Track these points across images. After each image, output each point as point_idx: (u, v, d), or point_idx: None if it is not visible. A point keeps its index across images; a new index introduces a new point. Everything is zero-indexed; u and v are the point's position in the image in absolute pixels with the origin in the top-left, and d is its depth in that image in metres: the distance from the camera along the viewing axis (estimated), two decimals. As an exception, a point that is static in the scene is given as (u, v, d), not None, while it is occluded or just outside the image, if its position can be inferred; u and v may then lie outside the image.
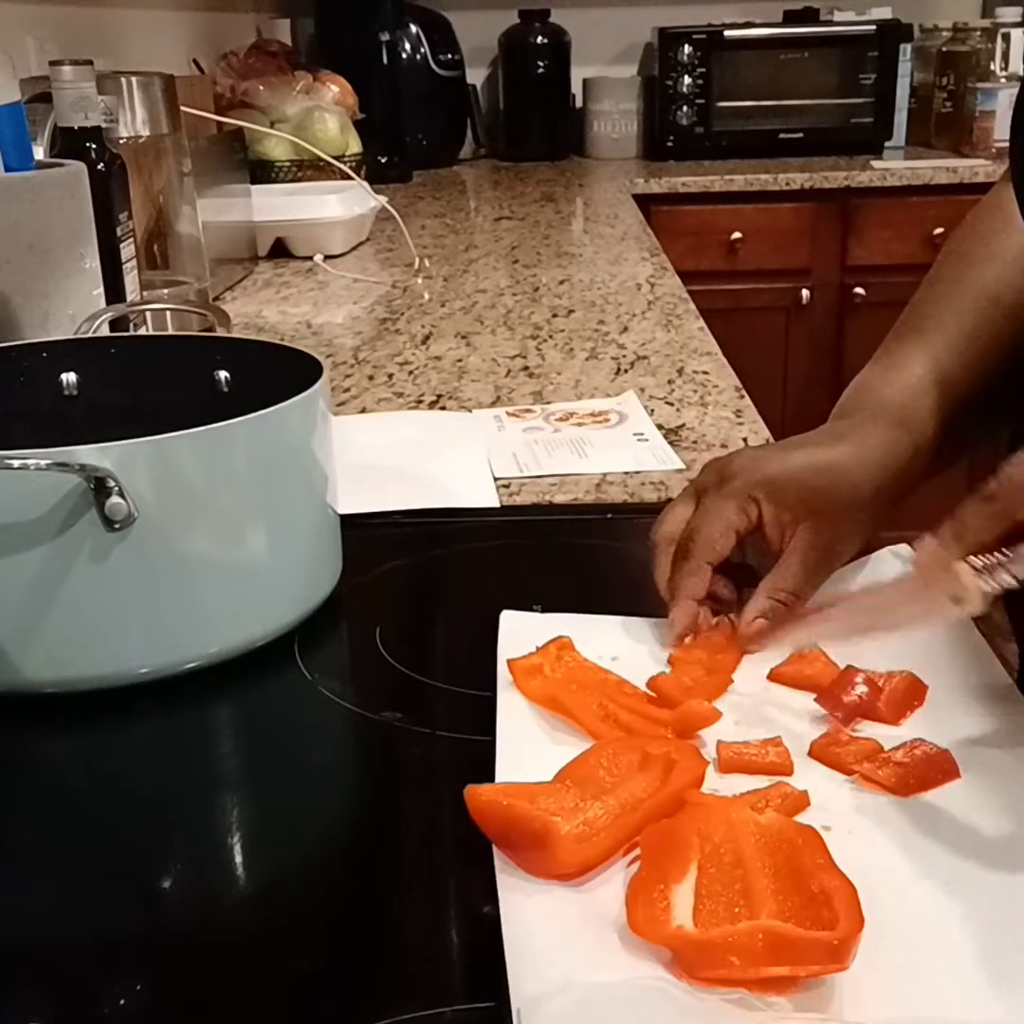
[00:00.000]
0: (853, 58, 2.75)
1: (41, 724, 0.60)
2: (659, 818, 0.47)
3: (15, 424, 0.73)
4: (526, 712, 0.57)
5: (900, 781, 0.51)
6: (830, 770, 0.53)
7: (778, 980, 0.40)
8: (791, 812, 0.49)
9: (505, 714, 0.57)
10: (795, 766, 0.53)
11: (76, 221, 0.96)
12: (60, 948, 0.46)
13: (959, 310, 0.72)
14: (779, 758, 0.53)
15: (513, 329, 1.36)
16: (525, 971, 0.40)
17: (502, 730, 0.55)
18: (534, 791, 0.48)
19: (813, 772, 0.52)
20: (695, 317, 1.39)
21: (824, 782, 0.52)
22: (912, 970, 0.41)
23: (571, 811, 0.47)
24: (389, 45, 2.60)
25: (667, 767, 0.50)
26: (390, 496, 0.85)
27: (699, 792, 0.49)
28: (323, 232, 1.82)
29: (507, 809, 0.47)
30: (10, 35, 1.53)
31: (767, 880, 0.43)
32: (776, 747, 0.53)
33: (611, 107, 3.00)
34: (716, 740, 0.54)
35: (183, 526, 0.60)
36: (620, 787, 0.49)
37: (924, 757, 0.52)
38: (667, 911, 0.42)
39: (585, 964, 0.41)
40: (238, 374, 0.75)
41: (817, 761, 0.53)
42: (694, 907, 0.42)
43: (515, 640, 0.62)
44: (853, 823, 0.49)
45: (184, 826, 0.53)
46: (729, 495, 0.63)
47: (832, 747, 0.53)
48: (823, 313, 2.58)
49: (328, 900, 0.48)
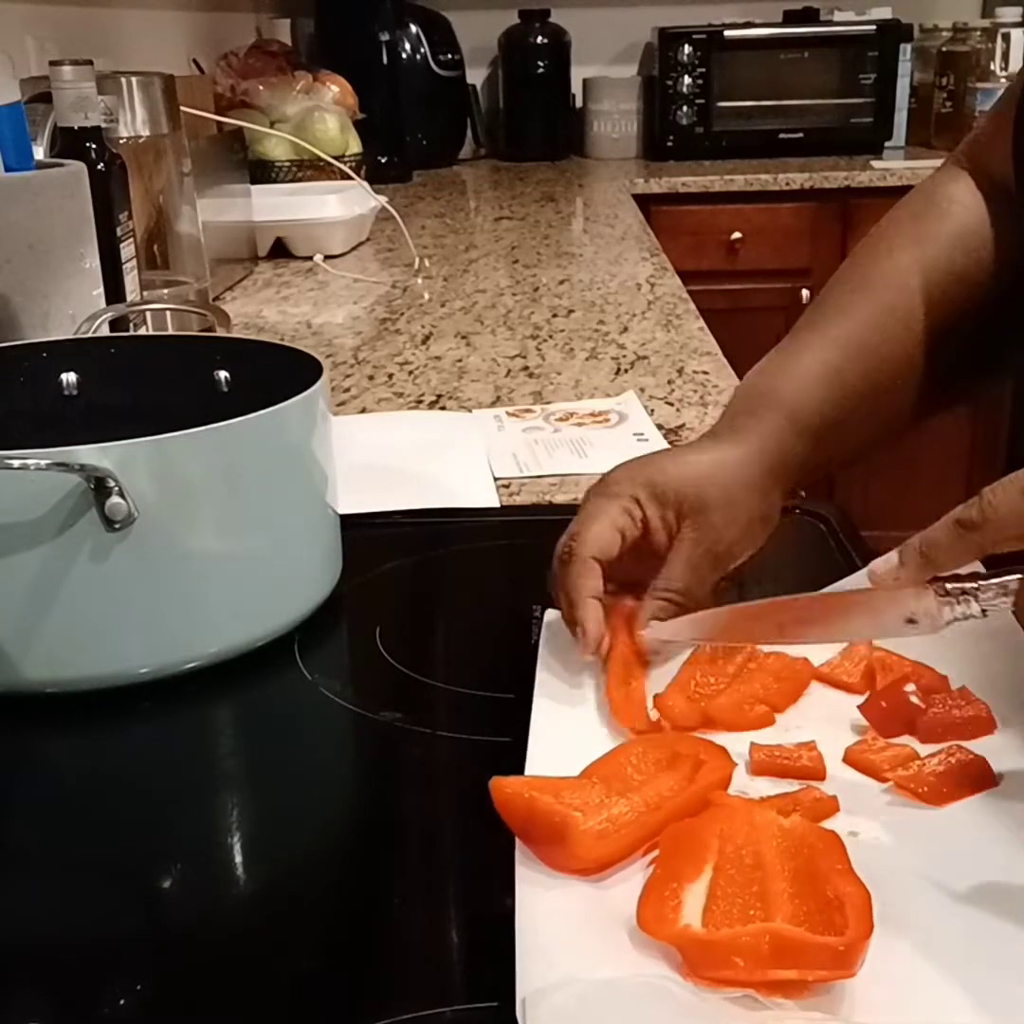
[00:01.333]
0: (853, 58, 2.75)
1: (41, 724, 0.60)
2: (682, 817, 0.47)
3: (15, 424, 0.73)
4: (560, 709, 0.57)
5: (933, 791, 0.50)
6: (864, 776, 0.52)
7: (785, 984, 0.40)
8: (819, 817, 0.48)
9: (541, 706, 0.57)
10: (828, 771, 0.52)
11: (76, 221, 0.96)
12: (60, 948, 0.46)
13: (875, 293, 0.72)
14: (812, 762, 0.52)
15: (513, 329, 1.36)
16: (533, 964, 0.41)
17: (536, 724, 0.55)
18: (559, 785, 0.48)
19: (846, 778, 0.52)
20: (695, 317, 1.39)
21: (857, 788, 0.51)
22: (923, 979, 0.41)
23: (595, 807, 0.47)
24: (389, 45, 2.60)
25: (695, 767, 0.50)
26: (390, 496, 0.85)
27: (724, 793, 0.49)
28: (323, 232, 1.82)
29: (529, 802, 0.47)
30: (10, 35, 1.53)
31: (785, 884, 0.43)
32: (810, 751, 0.53)
33: (611, 107, 3.00)
34: (750, 741, 0.54)
35: (183, 526, 0.60)
36: (646, 785, 0.49)
37: (959, 765, 0.51)
38: (677, 910, 0.42)
39: (592, 960, 0.41)
40: (238, 374, 0.75)
41: (851, 767, 0.53)
42: (706, 907, 0.42)
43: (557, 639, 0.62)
44: (881, 830, 0.48)
45: (184, 826, 0.53)
46: (610, 496, 0.63)
47: (867, 753, 0.53)
48: (823, 313, 2.58)
49: (328, 900, 0.48)
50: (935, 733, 0.54)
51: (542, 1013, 0.38)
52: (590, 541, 0.61)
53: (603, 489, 0.63)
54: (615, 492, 0.63)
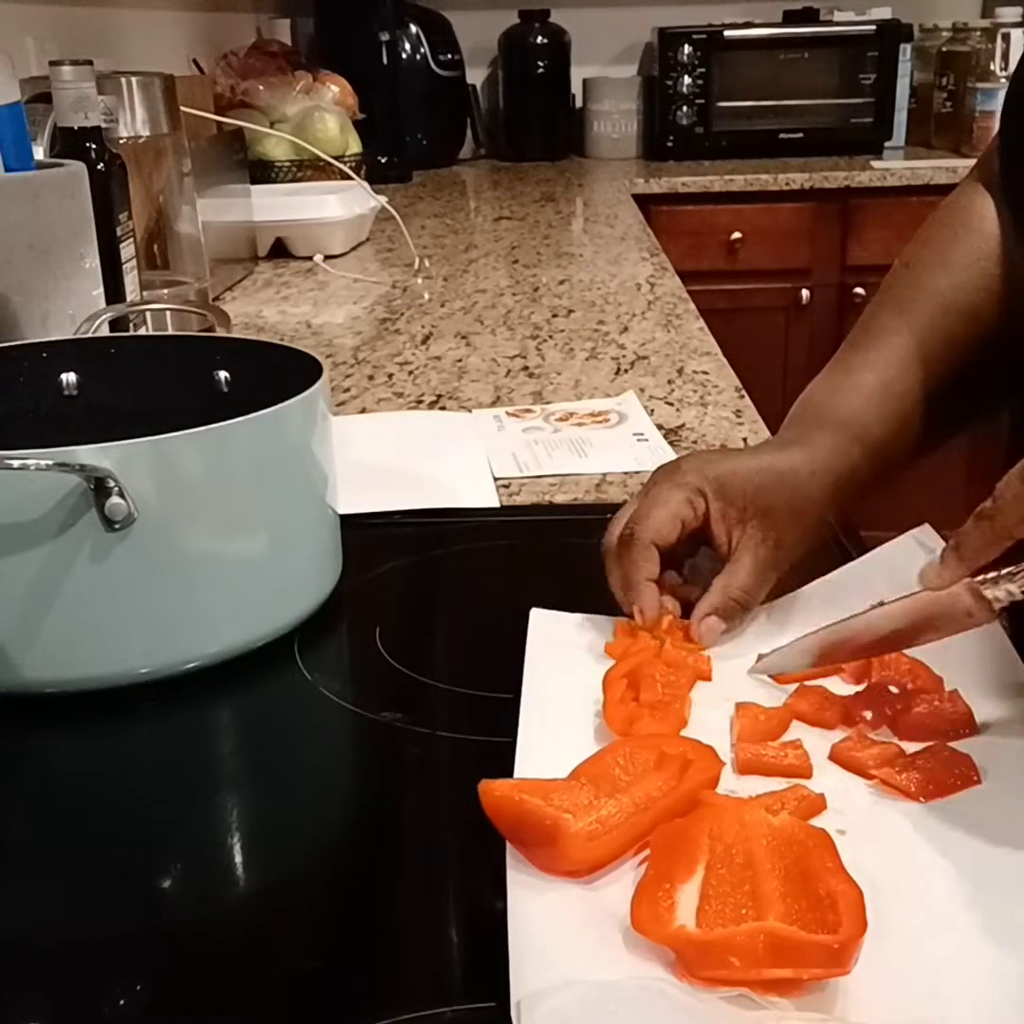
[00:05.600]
0: (853, 58, 2.75)
1: (41, 724, 0.60)
2: (672, 817, 0.47)
3: (15, 424, 0.73)
4: (549, 709, 0.57)
5: (919, 787, 0.50)
6: (850, 774, 0.52)
7: (780, 982, 0.40)
8: (807, 815, 0.48)
9: (529, 708, 0.57)
10: (815, 769, 0.52)
11: (76, 221, 0.96)
12: (60, 948, 0.46)
13: (911, 319, 0.73)
14: (798, 760, 0.52)
15: (513, 329, 1.36)
16: (527, 967, 0.41)
17: (524, 726, 0.55)
18: (548, 788, 0.48)
19: (832, 775, 0.52)
20: (695, 317, 1.39)
21: (843, 786, 0.51)
22: (917, 976, 0.41)
23: (584, 808, 0.47)
24: (389, 45, 2.60)
25: (683, 767, 0.50)
26: (390, 496, 0.85)
27: (713, 793, 0.49)
28: (323, 232, 1.82)
29: (519, 805, 0.47)
30: (10, 35, 1.53)
31: (776, 882, 0.43)
32: (796, 749, 0.53)
33: (611, 107, 3.00)
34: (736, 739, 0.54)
35: (183, 526, 0.60)
36: (635, 786, 0.49)
37: (945, 762, 0.51)
38: (671, 910, 0.42)
39: (587, 962, 0.41)
40: (238, 374, 0.75)
41: (837, 764, 0.53)
42: (699, 907, 0.42)
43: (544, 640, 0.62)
44: (869, 827, 0.48)
45: (184, 826, 0.53)
46: (676, 487, 0.64)
47: (852, 751, 0.53)
48: (823, 313, 2.58)
49: (328, 900, 0.48)
50: (917, 732, 0.54)
51: (539, 1016, 0.38)
52: (652, 527, 0.62)
53: (672, 477, 0.65)
54: (684, 482, 0.64)
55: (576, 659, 0.61)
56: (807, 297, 2.57)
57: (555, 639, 0.63)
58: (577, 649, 0.63)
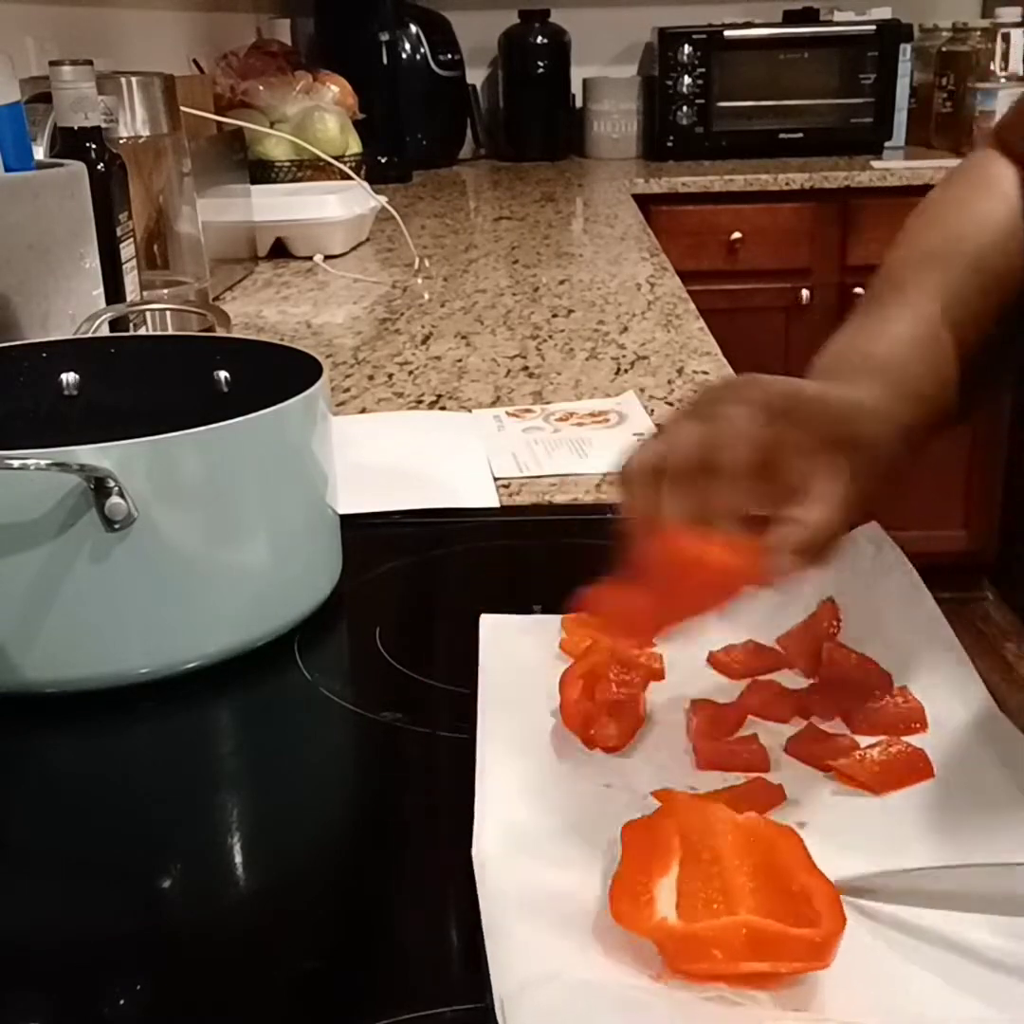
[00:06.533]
0: (853, 58, 2.75)
1: (41, 724, 0.60)
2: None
3: (15, 424, 0.73)
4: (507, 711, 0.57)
5: (875, 779, 0.51)
6: (806, 766, 0.53)
7: (759, 976, 0.40)
8: (766, 807, 0.49)
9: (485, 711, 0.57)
10: (772, 762, 0.53)
11: (76, 221, 0.96)
12: (60, 948, 0.46)
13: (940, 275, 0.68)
14: (755, 755, 0.53)
15: (513, 329, 1.36)
16: (507, 963, 0.41)
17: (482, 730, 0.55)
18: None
19: (790, 768, 0.53)
20: (695, 317, 1.39)
21: (800, 778, 0.52)
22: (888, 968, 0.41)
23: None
24: (389, 45, 2.60)
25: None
26: (390, 496, 0.85)
27: (673, 792, 0.49)
28: (323, 232, 1.82)
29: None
30: (10, 35, 1.52)
31: (745, 878, 0.43)
32: (752, 744, 0.54)
33: (611, 107, 3.00)
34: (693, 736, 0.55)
35: (183, 526, 0.60)
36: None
37: (899, 755, 0.52)
38: (650, 904, 0.42)
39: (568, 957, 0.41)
40: (238, 374, 0.75)
41: (793, 757, 0.54)
42: (678, 902, 0.43)
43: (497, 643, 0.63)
44: (828, 819, 0.49)
45: (184, 826, 0.53)
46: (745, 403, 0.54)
47: (808, 744, 0.54)
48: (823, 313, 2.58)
49: (328, 900, 0.48)
50: (871, 726, 0.55)
51: (526, 1012, 0.38)
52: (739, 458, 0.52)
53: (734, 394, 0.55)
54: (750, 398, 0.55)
55: (530, 660, 0.62)
56: (807, 297, 2.56)
57: (507, 642, 0.63)
58: (531, 650, 0.63)
